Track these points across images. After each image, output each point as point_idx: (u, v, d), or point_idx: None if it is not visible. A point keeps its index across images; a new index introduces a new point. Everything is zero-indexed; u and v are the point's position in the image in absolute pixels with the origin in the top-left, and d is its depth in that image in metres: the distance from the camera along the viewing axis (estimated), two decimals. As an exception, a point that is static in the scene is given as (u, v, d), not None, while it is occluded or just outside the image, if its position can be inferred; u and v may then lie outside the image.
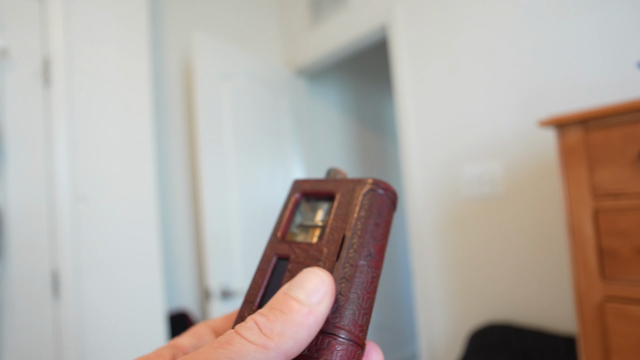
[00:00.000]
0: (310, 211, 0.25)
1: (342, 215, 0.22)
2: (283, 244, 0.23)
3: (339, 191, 0.23)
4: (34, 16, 1.29)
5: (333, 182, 0.24)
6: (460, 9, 1.43)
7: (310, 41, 2.06)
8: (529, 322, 1.25)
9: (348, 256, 0.20)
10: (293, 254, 0.22)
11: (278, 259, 0.22)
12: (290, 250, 0.22)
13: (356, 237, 0.21)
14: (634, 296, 0.71)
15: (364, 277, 0.20)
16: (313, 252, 0.21)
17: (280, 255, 0.22)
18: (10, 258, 1.18)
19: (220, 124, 1.67)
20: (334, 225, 0.22)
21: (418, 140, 1.58)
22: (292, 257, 0.22)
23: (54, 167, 1.26)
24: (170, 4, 1.79)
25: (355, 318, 0.19)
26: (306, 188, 0.25)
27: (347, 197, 0.23)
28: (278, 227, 0.24)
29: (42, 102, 1.28)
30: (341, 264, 0.20)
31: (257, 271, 0.22)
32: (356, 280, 0.20)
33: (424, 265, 1.55)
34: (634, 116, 0.72)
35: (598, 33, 1.11)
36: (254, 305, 0.21)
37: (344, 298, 0.19)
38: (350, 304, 0.19)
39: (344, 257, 0.20)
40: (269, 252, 0.23)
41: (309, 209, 0.25)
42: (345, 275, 0.20)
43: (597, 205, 0.76)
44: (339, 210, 0.22)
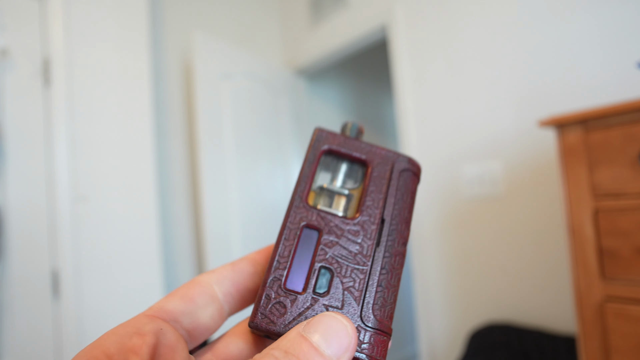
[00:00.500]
0: (328, 171, 0.22)
1: (378, 193, 0.20)
2: (310, 210, 0.20)
3: (372, 162, 0.21)
4: (34, 16, 1.29)
5: (365, 148, 0.22)
6: (460, 9, 1.43)
7: (310, 41, 2.06)
8: (529, 322, 1.25)
9: (388, 244, 0.19)
10: (326, 226, 0.19)
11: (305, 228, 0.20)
12: (320, 222, 0.19)
13: (395, 223, 0.20)
14: (634, 296, 0.71)
15: (399, 267, 0.19)
16: (350, 230, 0.19)
17: (309, 224, 0.19)
18: (10, 258, 1.18)
19: (220, 124, 1.67)
20: (370, 203, 0.20)
21: (418, 140, 1.58)
22: (325, 232, 0.19)
23: (54, 167, 1.26)
24: (170, 4, 1.79)
25: (390, 311, 0.18)
26: (334, 145, 0.22)
27: (382, 172, 0.21)
28: (303, 188, 0.20)
29: (42, 102, 1.28)
30: (382, 252, 0.19)
31: (282, 240, 0.19)
32: (395, 271, 0.19)
33: (424, 265, 1.55)
34: (634, 116, 0.72)
35: (598, 33, 1.11)
36: (282, 283, 0.18)
37: (386, 291, 0.18)
38: (390, 297, 0.18)
39: (384, 245, 0.19)
40: (295, 219, 0.20)
41: (327, 168, 0.22)
42: (385, 265, 0.19)
43: (597, 205, 0.76)
44: (373, 186, 0.20)
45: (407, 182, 0.21)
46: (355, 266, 0.18)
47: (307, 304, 0.18)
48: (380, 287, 0.18)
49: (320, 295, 0.18)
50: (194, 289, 0.19)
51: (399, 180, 0.21)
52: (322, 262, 0.18)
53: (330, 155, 0.22)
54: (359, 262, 0.18)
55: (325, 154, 0.22)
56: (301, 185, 0.20)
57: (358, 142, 0.22)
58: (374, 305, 0.18)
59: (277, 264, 0.19)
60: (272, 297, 0.18)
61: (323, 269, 0.18)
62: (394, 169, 0.21)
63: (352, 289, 0.18)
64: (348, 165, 0.22)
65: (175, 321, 0.18)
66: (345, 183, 0.22)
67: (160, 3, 1.75)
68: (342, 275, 0.18)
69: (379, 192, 0.20)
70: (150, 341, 0.16)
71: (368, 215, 0.20)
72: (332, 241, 0.19)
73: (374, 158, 0.21)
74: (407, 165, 0.21)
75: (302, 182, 0.21)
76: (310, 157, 0.21)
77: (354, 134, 0.23)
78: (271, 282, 0.18)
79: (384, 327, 0.17)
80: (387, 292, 0.18)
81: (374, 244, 0.19)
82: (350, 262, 0.18)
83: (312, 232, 0.19)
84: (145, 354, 0.15)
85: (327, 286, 0.18)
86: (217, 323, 0.20)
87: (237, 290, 0.20)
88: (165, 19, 1.76)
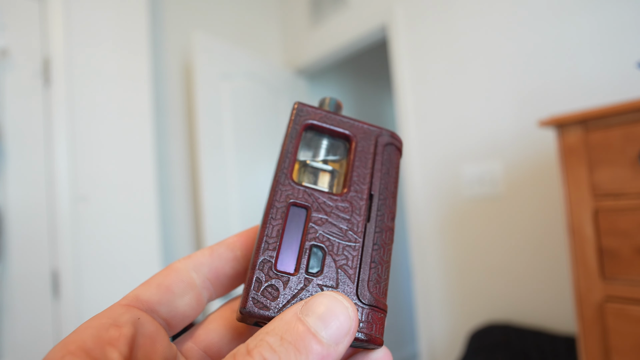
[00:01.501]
0: (310, 147, 0.21)
1: (364, 168, 0.20)
2: (296, 187, 0.19)
3: (356, 137, 0.21)
4: (34, 16, 1.29)
5: (347, 123, 0.21)
6: (460, 9, 1.43)
7: (310, 41, 2.06)
8: (529, 322, 1.25)
9: (377, 219, 0.19)
10: (314, 203, 0.18)
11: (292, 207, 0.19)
12: (308, 199, 0.19)
13: (383, 197, 0.19)
14: (634, 296, 0.71)
15: (390, 241, 0.19)
16: (339, 206, 0.19)
17: (297, 203, 0.18)
18: (10, 258, 1.18)
19: (220, 124, 1.67)
20: (356, 179, 0.19)
21: (418, 140, 1.58)
22: (314, 209, 0.18)
23: (54, 167, 1.26)
24: (170, 4, 1.79)
25: (384, 287, 0.18)
26: (315, 119, 0.21)
27: (367, 147, 0.20)
28: (287, 164, 0.19)
29: (42, 102, 1.28)
30: (372, 228, 0.18)
31: (269, 220, 0.18)
32: (387, 246, 0.18)
33: (424, 265, 1.55)
34: (634, 116, 0.72)
35: (598, 33, 1.11)
36: (273, 265, 0.17)
37: (380, 267, 0.18)
38: (384, 272, 0.18)
39: (375, 220, 0.18)
40: (281, 197, 0.18)
41: (309, 143, 0.22)
42: (377, 240, 0.18)
43: (597, 205, 0.76)
44: (359, 161, 0.20)
45: (392, 156, 0.21)
46: (347, 243, 0.18)
47: (301, 285, 0.17)
48: (374, 263, 0.18)
49: (314, 275, 0.17)
50: (170, 277, 0.18)
51: (383, 154, 0.20)
52: (313, 240, 0.18)
53: (311, 131, 0.21)
54: (350, 239, 0.18)
55: (307, 129, 0.21)
56: (285, 162, 0.19)
57: (339, 117, 0.21)
58: (369, 282, 0.17)
59: (265, 244, 0.17)
60: (263, 280, 0.17)
61: (314, 247, 0.18)
62: (378, 143, 0.21)
63: (345, 266, 0.17)
64: (329, 141, 0.21)
65: (152, 311, 0.17)
66: (327, 158, 0.21)
67: (160, 3, 1.75)
68: (334, 253, 0.18)
69: (364, 167, 0.20)
70: (127, 332, 0.15)
71: (356, 191, 0.19)
72: (322, 218, 0.18)
73: (357, 132, 0.21)
74: (390, 140, 0.21)
75: (285, 159, 0.19)
76: (292, 132, 0.20)
77: (333, 108, 0.22)
78: (261, 264, 0.17)
79: (380, 303, 0.17)
80: (380, 267, 0.18)
81: (365, 220, 0.18)
82: (342, 239, 0.18)
83: (299, 210, 0.18)
84: (123, 346, 0.14)
85: (320, 265, 0.17)
86: (196, 310, 0.19)
87: (215, 276, 0.19)
88: (165, 19, 1.76)
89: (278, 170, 0.19)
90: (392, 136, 0.21)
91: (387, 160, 0.20)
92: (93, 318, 0.16)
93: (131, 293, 0.18)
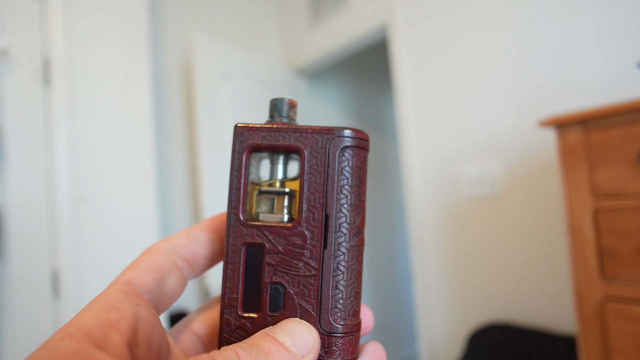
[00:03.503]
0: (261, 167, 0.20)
1: (317, 185, 0.18)
2: (249, 227, 0.18)
3: (305, 147, 0.18)
4: (34, 16, 1.29)
5: (294, 134, 0.19)
6: (460, 9, 1.43)
7: (310, 41, 2.06)
8: (529, 322, 1.25)
9: (337, 242, 0.17)
10: (267, 242, 0.18)
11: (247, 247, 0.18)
12: (262, 237, 0.18)
13: (342, 215, 0.18)
14: (634, 296, 0.71)
15: (356, 260, 0.18)
16: (293, 239, 0.18)
17: (250, 243, 0.18)
18: (10, 258, 1.18)
19: (220, 124, 1.67)
20: (310, 198, 0.18)
21: (418, 140, 1.58)
22: (268, 246, 0.18)
23: (54, 167, 1.26)
24: (170, 4, 1.79)
25: (353, 307, 0.18)
26: (257, 141, 0.19)
27: (318, 157, 0.18)
28: (235, 204, 0.19)
29: (42, 102, 1.28)
30: (331, 253, 0.17)
31: (228, 266, 0.18)
32: (350, 268, 0.18)
33: (424, 265, 1.55)
34: (634, 116, 0.72)
35: (598, 33, 1.11)
36: (238, 309, 0.18)
37: (342, 293, 0.17)
38: (349, 296, 0.18)
39: (333, 243, 0.17)
40: (235, 240, 0.18)
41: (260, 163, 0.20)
42: (338, 265, 0.17)
43: (597, 205, 0.76)
44: (311, 176, 0.18)
45: (350, 161, 0.18)
46: (305, 274, 0.18)
47: (266, 324, 0.18)
48: (337, 290, 0.17)
49: (277, 312, 0.18)
50: (155, 259, 0.19)
51: (339, 162, 0.18)
52: (272, 278, 0.18)
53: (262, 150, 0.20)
54: (308, 270, 0.18)
55: (254, 151, 0.19)
56: (233, 201, 0.19)
57: (285, 128, 0.19)
58: (332, 310, 0.17)
59: (228, 290, 0.18)
60: (232, 325, 0.18)
61: (273, 284, 0.18)
62: (330, 151, 0.18)
63: (306, 298, 0.17)
64: (284, 156, 0.20)
65: (147, 294, 0.18)
66: (286, 174, 0.20)
67: (160, 3, 1.75)
68: (294, 287, 0.18)
69: (317, 183, 0.18)
70: (129, 316, 0.15)
71: (310, 214, 0.18)
72: (277, 254, 0.18)
73: (306, 143, 0.18)
74: (346, 142, 0.18)
75: (233, 197, 0.19)
76: (236, 163, 0.19)
77: (285, 112, 0.20)
78: (227, 310, 0.18)
79: (347, 328, 0.17)
80: (344, 292, 0.17)
81: (321, 246, 0.18)
82: (300, 272, 0.18)
83: (256, 248, 0.18)
84: (125, 329, 0.15)
85: (282, 301, 0.18)
86: (182, 288, 0.20)
87: (193, 257, 0.20)
88: (165, 19, 1.76)
89: (228, 210, 0.19)
90: (350, 135, 0.18)
91: (344, 167, 0.18)
92: (92, 302, 0.16)
93: (122, 277, 0.18)
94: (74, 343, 0.13)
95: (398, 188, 2.69)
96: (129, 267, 0.19)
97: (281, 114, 0.20)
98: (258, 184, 0.20)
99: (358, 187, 0.18)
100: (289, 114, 0.20)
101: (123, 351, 0.14)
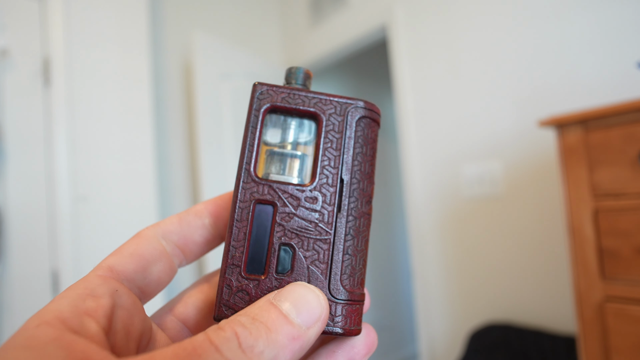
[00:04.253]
0: (278, 128, 0.20)
1: (333, 150, 0.18)
2: (260, 184, 0.18)
3: (324, 114, 0.19)
4: (34, 16, 1.29)
5: (314, 99, 0.19)
6: (460, 9, 1.43)
7: (310, 41, 2.06)
8: (529, 322, 1.25)
9: (350, 207, 0.17)
10: (280, 200, 0.18)
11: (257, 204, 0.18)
12: (274, 195, 0.18)
13: (356, 181, 0.18)
14: (634, 296, 0.71)
15: (366, 228, 0.18)
16: (307, 198, 0.18)
17: (261, 200, 0.18)
18: (10, 258, 1.18)
19: (220, 124, 1.67)
20: (325, 163, 0.18)
21: (418, 140, 1.58)
22: (280, 205, 0.17)
23: (54, 167, 1.26)
24: (170, 4, 1.79)
25: (360, 276, 0.17)
26: (277, 101, 0.19)
27: (336, 124, 0.18)
28: (249, 159, 0.18)
29: (42, 102, 1.28)
30: (344, 217, 0.17)
31: (235, 223, 0.17)
32: (361, 234, 0.17)
33: (424, 265, 1.55)
34: (634, 116, 0.72)
35: (598, 33, 1.11)
36: (242, 270, 0.17)
37: (353, 258, 0.17)
38: (359, 263, 0.17)
39: (346, 208, 0.17)
40: (245, 196, 0.18)
41: (277, 124, 0.20)
42: (350, 230, 0.17)
43: (597, 205, 0.76)
44: (327, 142, 0.18)
45: (366, 131, 0.19)
46: (317, 237, 0.17)
47: (272, 286, 0.17)
48: (347, 254, 0.17)
49: (284, 275, 0.17)
50: (142, 245, 0.18)
51: (355, 131, 0.18)
52: (281, 238, 0.17)
53: (279, 112, 0.19)
54: (320, 232, 0.17)
55: (270, 112, 0.19)
56: (246, 156, 0.18)
57: (305, 93, 0.19)
58: (342, 276, 0.17)
59: (232, 249, 0.17)
60: (233, 286, 0.17)
61: (283, 246, 0.17)
62: (348, 119, 0.18)
63: (317, 262, 0.17)
64: (298, 121, 0.20)
65: (128, 281, 0.17)
66: (298, 138, 0.20)
67: (160, 3, 1.75)
68: (304, 249, 0.17)
69: (334, 148, 0.18)
70: (105, 303, 0.15)
71: (325, 177, 0.18)
72: (289, 214, 0.17)
73: (326, 109, 0.19)
74: (363, 112, 0.19)
75: (247, 152, 0.18)
76: (252, 120, 0.19)
77: (301, 80, 0.20)
78: (230, 270, 0.17)
79: (355, 296, 0.17)
80: (354, 259, 0.17)
81: (335, 209, 0.17)
82: (312, 234, 0.17)
83: (266, 207, 0.18)
84: (101, 317, 0.14)
85: (290, 264, 0.17)
86: (169, 277, 0.19)
87: (184, 243, 0.19)
88: (165, 19, 1.76)
89: (240, 166, 0.18)
90: (366, 107, 0.19)
91: (360, 136, 0.18)
92: (69, 288, 0.15)
93: (104, 263, 0.17)
94: (52, 330, 0.13)
95: (398, 188, 2.69)
96: (113, 252, 0.18)
97: (298, 81, 0.20)
98: (270, 145, 0.20)
99: (371, 156, 0.19)
100: (304, 83, 0.20)
101: (101, 339, 0.14)
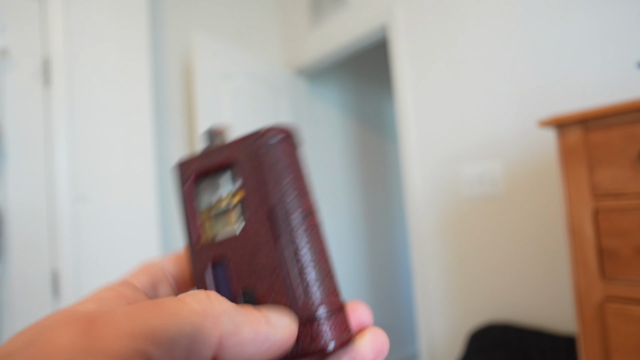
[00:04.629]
0: (210, 191, 0.21)
1: (255, 186, 0.19)
2: (207, 249, 0.19)
3: (237, 158, 0.20)
4: (34, 16, 1.29)
5: (224, 149, 0.20)
6: (460, 9, 1.43)
7: (310, 41, 2.06)
8: (529, 322, 1.25)
9: (289, 229, 0.18)
10: (228, 252, 0.19)
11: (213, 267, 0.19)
12: (222, 251, 0.19)
13: (288, 202, 0.18)
14: (634, 296, 0.71)
15: (313, 241, 0.18)
16: (249, 240, 0.18)
17: (214, 262, 0.19)
18: (10, 258, 1.18)
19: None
20: (253, 202, 0.19)
21: (418, 140, 1.58)
22: (230, 256, 0.19)
23: (54, 167, 1.26)
24: (170, 4, 1.79)
25: (327, 287, 0.18)
26: (196, 168, 0.21)
27: (250, 163, 0.19)
28: (192, 232, 0.20)
29: (42, 102, 1.28)
30: (287, 241, 0.18)
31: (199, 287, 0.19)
32: (311, 249, 0.18)
33: (424, 265, 1.55)
34: (634, 116, 0.72)
35: (598, 33, 1.11)
36: None
37: (308, 276, 0.17)
38: (317, 277, 0.18)
39: (284, 232, 0.18)
40: (200, 266, 0.19)
41: (207, 189, 0.21)
42: (296, 250, 0.18)
43: (597, 205, 0.76)
44: (247, 181, 0.19)
45: (279, 154, 0.19)
46: (269, 272, 0.18)
47: None
48: (303, 274, 0.17)
49: None
50: (148, 267, 0.20)
51: (269, 159, 0.19)
52: (242, 285, 0.18)
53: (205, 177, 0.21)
54: (270, 267, 0.18)
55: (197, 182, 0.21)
56: (190, 233, 0.20)
57: (217, 148, 0.20)
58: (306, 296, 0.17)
59: None
60: None
61: (244, 291, 0.18)
62: (257, 152, 0.19)
63: (277, 296, 0.17)
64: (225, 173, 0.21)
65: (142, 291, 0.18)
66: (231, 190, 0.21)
67: (160, 3, 1.75)
68: (263, 288, 0.18)
69: (255, 184, 0.19)
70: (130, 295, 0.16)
71: (255, 216, 0.19)
72: (240, 262, 0.18)
73: (236, 152, 0.20)
74: (269, 139, 0.19)
75: (189, 227, 0.20)
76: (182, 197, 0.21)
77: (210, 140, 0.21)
78: None
79: (326, 309, 0.17)
80: (311, 275, 0.17)
81: (274, 240, 0.18)
82: (265, 271, 0.18)
83: (222, 264, 0.19)
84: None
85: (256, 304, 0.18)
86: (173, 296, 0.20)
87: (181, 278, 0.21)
88: (165, 19, 1.76)
89: (188, 243, 0.20)
90: (272, 132, 0.19)
91: (275, 162, 0.19)
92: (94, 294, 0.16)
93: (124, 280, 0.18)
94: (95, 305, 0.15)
95: (398, 188, 2.69)
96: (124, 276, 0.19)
97: (209, 142, 0.21)
98: (211, 208, 0.21)
99: (295, 172, 0.19)
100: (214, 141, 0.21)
101: None
